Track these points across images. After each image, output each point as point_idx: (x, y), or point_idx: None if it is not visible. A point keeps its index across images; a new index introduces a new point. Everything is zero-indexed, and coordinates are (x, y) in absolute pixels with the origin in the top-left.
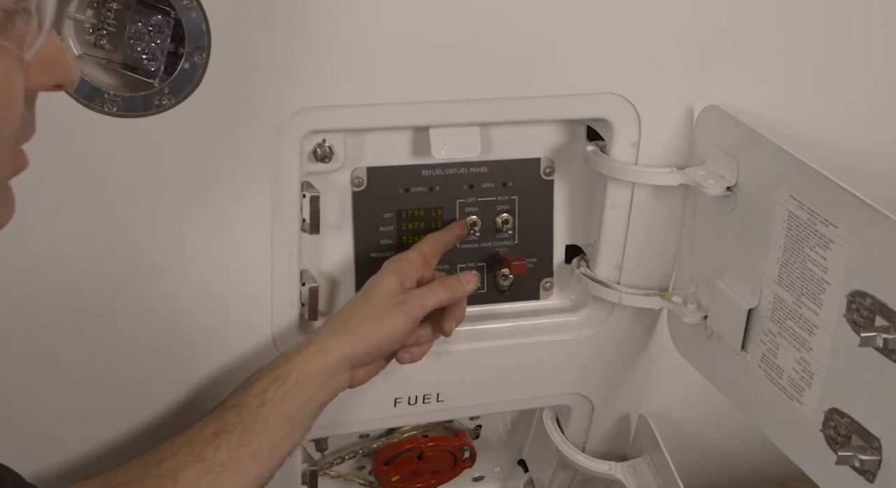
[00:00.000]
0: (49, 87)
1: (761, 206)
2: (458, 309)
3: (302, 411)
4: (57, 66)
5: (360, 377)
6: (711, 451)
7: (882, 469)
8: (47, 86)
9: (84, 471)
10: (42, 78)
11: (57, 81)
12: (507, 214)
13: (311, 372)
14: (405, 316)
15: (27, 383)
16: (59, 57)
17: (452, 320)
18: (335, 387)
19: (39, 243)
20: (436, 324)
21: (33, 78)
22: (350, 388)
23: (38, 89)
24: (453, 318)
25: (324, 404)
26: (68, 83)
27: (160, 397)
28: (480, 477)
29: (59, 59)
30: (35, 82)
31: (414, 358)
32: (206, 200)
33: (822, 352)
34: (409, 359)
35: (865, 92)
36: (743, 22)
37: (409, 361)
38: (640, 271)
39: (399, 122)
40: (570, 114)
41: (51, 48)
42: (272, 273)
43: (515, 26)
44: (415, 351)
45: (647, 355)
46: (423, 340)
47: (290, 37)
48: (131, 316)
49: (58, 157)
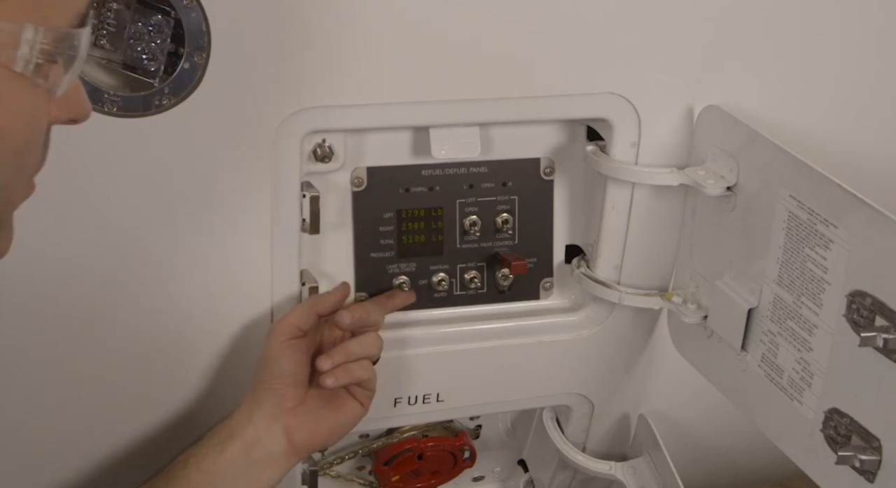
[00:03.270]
0: (65, 121)
1: (761, 206)
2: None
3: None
4: (77, 103)
5: (299, 436)
6: (711, 451)
7: (882, 469)
8: (64, 120)
9: (82, 473)
10: (61, 112)
11: (73, 115)
12: (507, 214)
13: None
14: (269, 335)
15: (27, 383)
16: (78, 94)
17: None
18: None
19: (39, 243)
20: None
21: (53, 112)
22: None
23: (55, 123)
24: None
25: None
26: (83, 117)
27: (159, 397)
28: (480, 477)
29: (79, 95)
30: (53, 115)
31: (336, 382)
32: (206, 200)
33: (822, 352)
34: (332, 381)
35: (865, 92)
36: (743, 22)
37: (331, 385)
38: (640, 271)
39: (399, 122)
40: (570, 114)
41: (72, 86)
42: (272, 273)
43: (515, 26)
44: (337, 371)
45: (647, 355)
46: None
47: (290, 37)
48: (131, 316)
49: (57, 157)
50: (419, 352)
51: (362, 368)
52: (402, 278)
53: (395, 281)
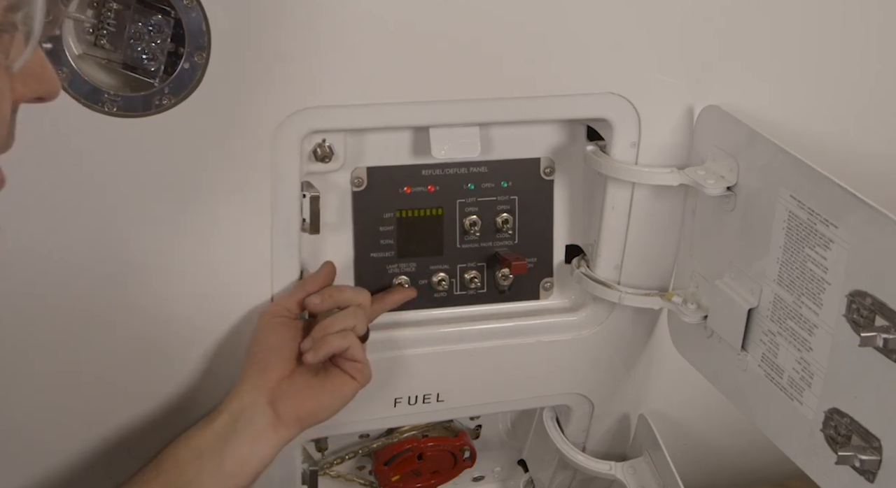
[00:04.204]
0: (32, 99)
1: (761, 206)
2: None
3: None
4: (41, 79)
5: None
6: (711, 451)
7: (882, 469)
8: (30, 97)
9: (80, 472)
10: (26, 89)
11: (40, 93)
12: (507, 214)
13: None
14: (259, 317)
15: (26, 383)
16: (43, 69)
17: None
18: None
19: (39, 242)
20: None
21: (17, 89)
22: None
23: (21, 101)
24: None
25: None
26: (50, 95)
27: (160, 397)
28: (480, 477)
29: (42, 71)
30: (19, 94)
31: (316, 355)
32: (206, 200)
33: (823, 351)
34: (311, 356)
35: (865, 92)
36: (743, 22)
37: (312, 359)
38: (640, 271)
39: (399, 122)
40: (570, 114)
41: (35, 60)
42: (272, 273)
43: (515, 26)
44: (315, 345)
45: (647, 355)
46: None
47: (290, 37)
48: (131, 315)
49: (58, 157)
50: (419, 352)
51: (340, 337)
52: (402, 278)
53: (395, 281)
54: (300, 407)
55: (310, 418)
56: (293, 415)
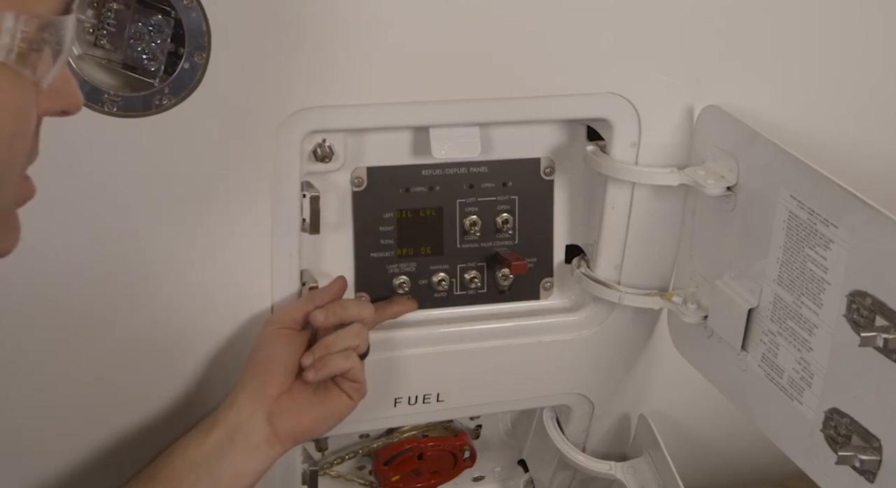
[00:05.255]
0: (56, 113)
1: (761, 206)
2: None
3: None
4: (66, 94)
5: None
6: (711, 451)
7: (882, 469)
8: (54, 112)
9: (80, 473)
10: (51, 104)
11: (64, 108)
12: (507, 214)
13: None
14: (264, 325)
15: (26, 383)
16: (68, 84)
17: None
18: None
19: (40, 242)
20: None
21: (43, 104)
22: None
23: (46, 115)
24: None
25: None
26: (74, 109)
27: (160, 397)
28: (480, 477)
29: (67, 86)
30: (44, 108)
31: (317, 375)
32: (206, 200)
33: (823, 351)
34: (312, 375)
35: (865, 92)
36: (743, 22)
37: (312, 378)
38: (640, 271)
39: (399, 121)
40: (570, 114)
41: (61, 76)
42: (272, 273)
43: (515, 26)
44: (317, 364)
45: (647, 355)
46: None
47: (290, 37)
48: (131, 316)
49: (58, 157)
50: (419, 352)
51: (343, 358)
52: (402, 278)
53: (395, 281)
54: (297, 424)
55: (305, 434)
56: (289, 432)
